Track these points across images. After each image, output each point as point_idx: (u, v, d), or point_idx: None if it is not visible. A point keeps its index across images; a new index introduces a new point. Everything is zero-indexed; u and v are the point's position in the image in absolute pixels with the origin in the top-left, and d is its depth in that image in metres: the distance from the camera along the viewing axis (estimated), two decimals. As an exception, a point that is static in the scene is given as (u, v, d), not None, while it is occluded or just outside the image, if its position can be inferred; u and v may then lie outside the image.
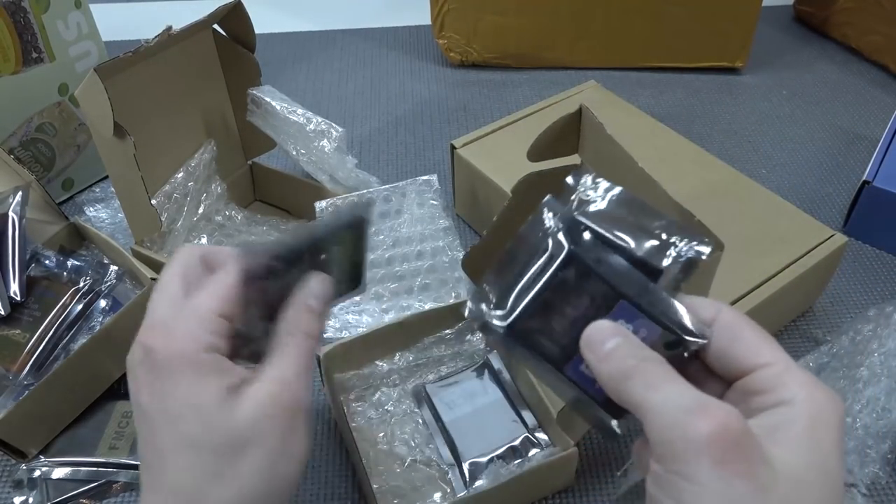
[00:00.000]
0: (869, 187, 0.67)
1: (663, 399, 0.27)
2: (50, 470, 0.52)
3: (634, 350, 0.29)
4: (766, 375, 0.28)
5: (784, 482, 0.25)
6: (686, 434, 0.25)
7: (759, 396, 0.28)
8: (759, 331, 0.30)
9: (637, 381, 0.28)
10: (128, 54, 0.52)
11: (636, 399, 0.28)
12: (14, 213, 0.56)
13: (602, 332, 0.30)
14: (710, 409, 0.26)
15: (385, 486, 0.49)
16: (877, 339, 0.56)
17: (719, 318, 0.30)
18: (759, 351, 0.29)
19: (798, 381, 0.28)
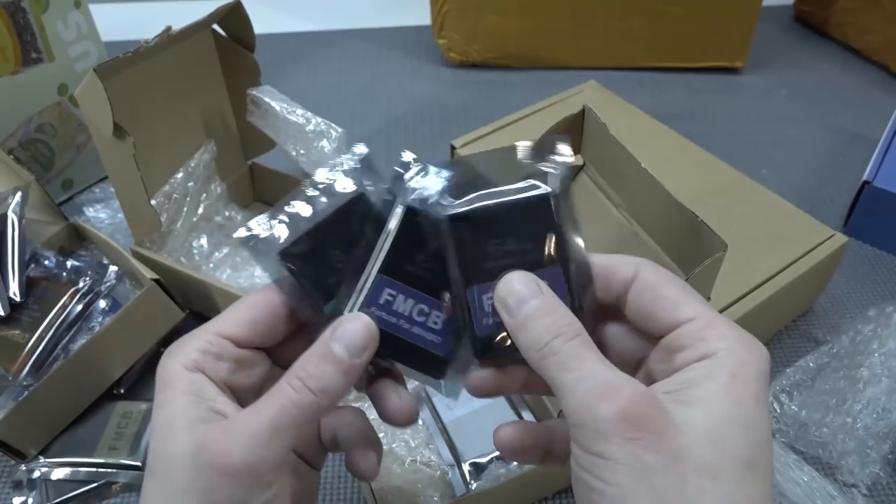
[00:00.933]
0: (869, 187, 0.67)
1: (574, 381, 0.27)
2: (49, 470, 0.51)
3: (549, 320, 0.28)
4: (687, 331, 0.28)
5: (700, 444, 0.25)
6: (595, 416, 0.25)
7: (682, 353, 0.28)
8: (681, 286, 0.29)
9: (551, 360, 0.27)
10: (127, 54, 0.52)
11: (550, 379, 0.28)
12: (14, 213, 0.56)
13: (515, 289, 0.29)
14: (616, 388, 0.26)
15: (385, 486, 0.49)
16: (877, 339, 0.56)
17: (639, 276, 0.30)
18: (680, 307, 0.29)
19: (719, 334, 0.28)
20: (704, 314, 0.28)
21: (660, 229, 0.44)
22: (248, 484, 0.27)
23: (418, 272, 0.31)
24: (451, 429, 0.52)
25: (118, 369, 0.55)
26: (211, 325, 0.31)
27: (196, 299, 0.60)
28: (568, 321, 0.28)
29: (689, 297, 0.29)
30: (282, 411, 0.28)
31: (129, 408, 0.55)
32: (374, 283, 0.30)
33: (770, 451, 0.27)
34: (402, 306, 0.31)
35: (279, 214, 0.31)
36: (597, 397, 0.26)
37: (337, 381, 0.28)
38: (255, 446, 0.27)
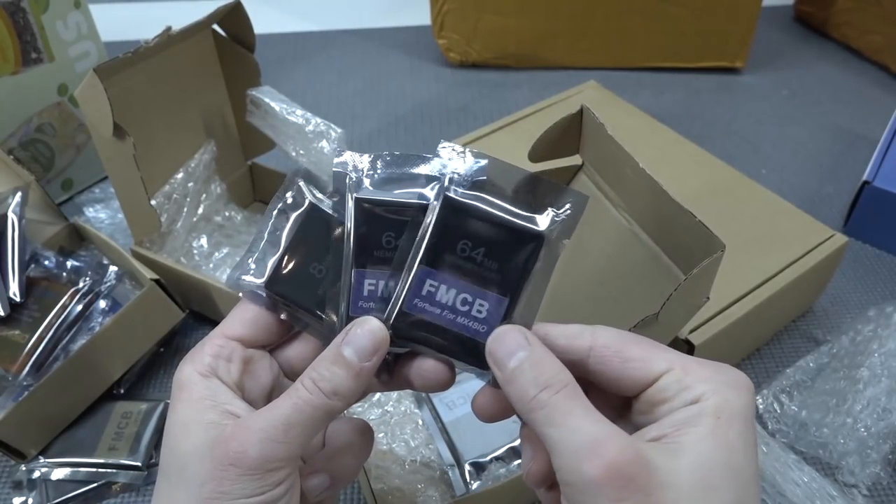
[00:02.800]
0: (869, 187, 0.67)
1: (560, 437, 0.26)
2: (49, 471, 0.52)
3: (536, 372, 0.28)
4: (665, 384, 0.28)
5: (687, 497, 0.25)
6: (582, 475, 0.25)
7: (665, 405, 0.28)
8: (644, 342, 0.30)
9: (538, 414, 0.27)
10: (127, 54, 0.52)
11: (539, 433, 0.28)
12: (13, 213, 0.56)
13: (503, 343, 0.29)
14: (602, 447, 0.25)
15: (385, 486, 0.49)
16: (877, 339, 0.56)
17: (597, 343, 0.30)
18: (650, 363, 0.29)
19: (699, 377, 0.28)
20: (677, 362, 0.28)
21: (659, 229, 0.44)
22: (260, 477, 0.28)
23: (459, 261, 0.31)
24: (450, 429, 0.52)
25: (118, 369, 0.55)
26: (219, 329, 0.32)
27: (196, 299, 0.60)
28: (555, 372, 0.28)
29: (655, 349, 0.29)
30: (295, 410, 0.29)
31: (129, 408, 0.55)
32: (416, 275, 0.31)
33: (757, 489, 0.27)
34: (445, 296, 0.31)
35: (253, 253, 0.33)
36: (582, 456, 0.25)
37: (347, 384, 0.29)
38: (270, 441, 0.28)
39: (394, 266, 0.31)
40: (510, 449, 0.50)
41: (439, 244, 0.31)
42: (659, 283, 0.43)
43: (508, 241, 0.31)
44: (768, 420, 0.54)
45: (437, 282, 0.31)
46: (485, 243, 0.31)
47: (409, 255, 0.31)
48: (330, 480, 0.33)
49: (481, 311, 0.31)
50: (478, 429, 0.51)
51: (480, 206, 0.31)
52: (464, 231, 0.31)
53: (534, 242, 0.31)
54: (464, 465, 0.49)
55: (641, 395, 0.29)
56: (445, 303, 0.31)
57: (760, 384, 0.57)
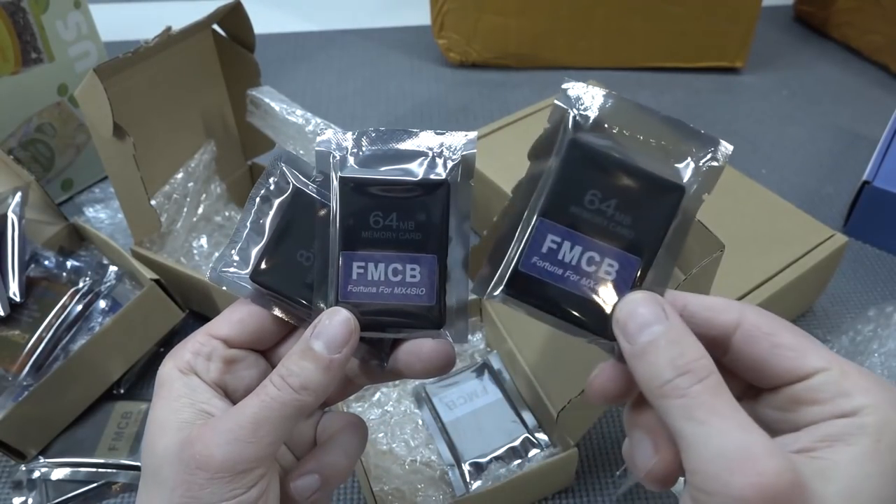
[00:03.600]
0: (869, 187, 0.67)
1: (702, 436, 0.23)
2: (49, 471, 0.52)
3: (674, 353, 0.25)
4: (820, 383, 0.25)
5: None
6: (727, 489, 0.22)
7: (813, 407, 0.25)
8: (799, 332, 0.26)
9: (672, 402, 0.24)
10: (127, 54, 0.52)
11: (671, 422, 0.24)
12: (13, 213, 0.56)
13: (636, 312, 0.26)
14: (758, 462, 0.22)
15: (385, 487, 0.49)
16: (877, 339, 0.56)
17: (745, 321, 0.26)
18: (805, 356, 0.25)
19: (860, 387, 0.24)
20: (838, 364, 0.25)
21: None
22: (229, 481, 0.27)
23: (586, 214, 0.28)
24: (450, 429, 0.52)
25: (118, 369, 0.55)
26: (204, 327, 0.31)
27: (196, 299, 0.60)
28: (698, 356, 0.25)
29: (811, 342, 0.26)
30: (263, 407, 0.28)
31: (129, 408, 0.55)
32: (535, 228, 0.28)
33: None
34: (569, 255, 0.28)
35: (236, 243, 0.32)
36: (731, 466, 0.22)
37: (317, 378, 0.28)
38: (236, 442, 0.27)
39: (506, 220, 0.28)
40: (510, 449, 0.50)
41: (564, 194, 0.27)
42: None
43: (645, 192, 0.27)
44: (768, 420, 0.54)
45: (559, 237, 0.27)
46: (617, 194, 0.27)
47: (528, 204, 0.28)
48: (320, 481, 0.32)
49: (610, 272, 0.27)
50: (477, 429, 0.51)
51: (612, 153, 0.27)
52: (593, 180, 0.27)
53: (674, 195, 0.27)
54: (464, 465, 0.49)
55: (784, 390, 0.26)
56: (569, 262, 0.27)
57: (760, 384, 0.57)
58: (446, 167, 0.30)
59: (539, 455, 0.50)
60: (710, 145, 0.28)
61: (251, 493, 0.27)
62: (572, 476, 0.50)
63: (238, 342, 0.31)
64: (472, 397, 0.54)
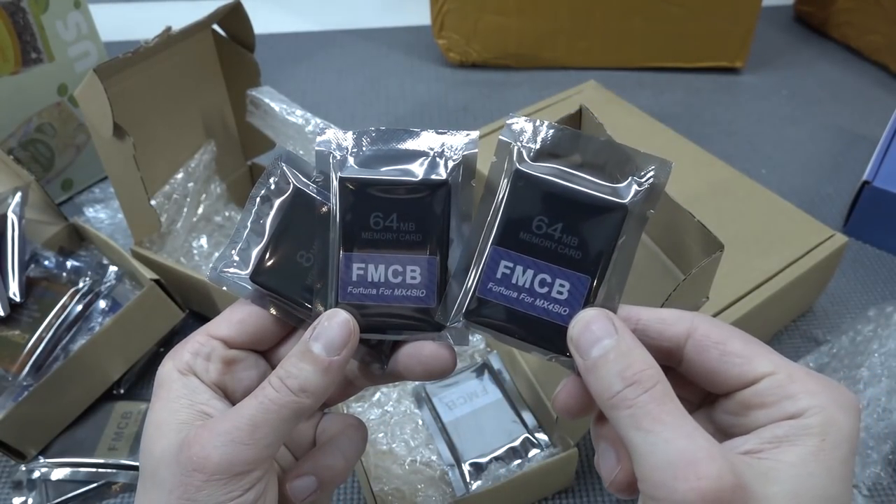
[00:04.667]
0: (869, 187, 0.67)
1: (649, 445, 0.24)
2: (49, 471, 0.52)
3: (622, 365, 0.26)
4: (767, 387, 0.26)
5: None
6: (672, 495, 0.23)
7: (762, 410, 0.26)
8: (747, 339, 0.27)
9: (623, 413, 0.25)
10: (127, 55, 0.52)
11: (622, 432, 0.25)
12: (13, 213, 0.56)
13: (587, 328, 0.27)
14: (700, 467, 0.23)
15: (385, 487, 0.49)
16: (877, 339, 0.56)
17: (696, 332, 0.27)
18: (753, 361, 0.26)
19: (806, 389, 0.25)
20: (785, 367, 0.26)
21: (658, 229, 0.44)
22: (225, 483, 0.27)
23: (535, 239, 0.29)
24: (450, 429, 0.52)
25: (118, 369, 0.55)
26: (203, 327, 0.31)
27: (196, 299, 0.60)
28: (644, 367, 0.26)
29: (760, 348, 0.27)
30: (261, 409, 0.28)
31: (129, 408, 0.55)
32: (489, 256, 0.29)
33: None
34: (522, 278, 0.29)
35: (236, 243, 0.32)
36: (675, 472, 0.23)
37: (316, 380, 0.28)
38: (234, 444, 0.27)
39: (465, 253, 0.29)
40: (510, 449, 0.50)
41: (512, 222, 0.29)
42: (658, 283, 0.43)
43: (589, 214, 0.28)
44: (768, 420, 0.54)
45: (512, 262, 0.29)
46: (562, 218, 0.28)
47: (481, 235, 0.29)
48: (317, 483, 0.31)
49: (562, 292, 0.29)
50: (477, 429, 0.51)
51: (555, 179, 0.29)
52: (539, 206, 0.29)
53: (617, 214, 0.28)
54: (463, 465, 0.49)
55: (735, 395, 0.27)
56: (523, 285, 0.29)
57: (760, 384, 0.57)
58: (447, 167, 0.30)
59: (539, 455, 0.50)
60: (650, 164, 0.29)
61: (248, 496, 0.27)
62: (572, 476, 0.50)
63: (238, 343, 0.31)
64: (472, 397, 0.54)
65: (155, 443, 0.28)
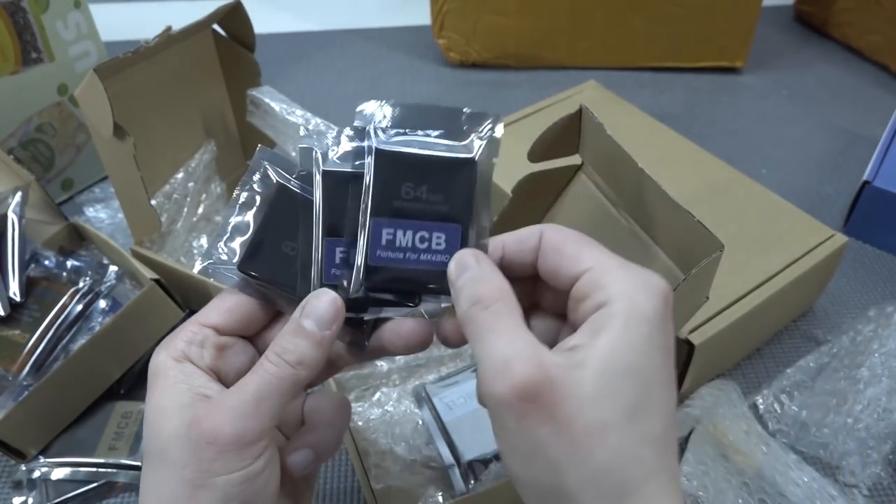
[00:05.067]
0: (869, 187, 0.67)
1: (482, 353, 0.28)
2: (49, 470, 0.52)
3: (472, 289, 0.29)
4: (586, 280, 0.29)
5: (587, 405, 0.26)
6: (493, 392, 0.27)
7: (583, 302, 0.29)
8: (582, 240, 0.31)
9: (468, 329, 0.29)
10: (127, 54, 0.52)
11: (471, 347, 0.29)
12: (14, 213, 0.56)
13: (454, 267, 0.31)
14: (510, 366, 0.26)
15: (385, 486, 0.49)
16: (877, 339, 0.56)
17: (543, 240, 0.31)
18: (578, 259, 0.30)
19: (614, 278, 0.29)
20: (600, 262, 0.29)
21: (658, 229, 0.44)
22: (237, 453, 0.29)
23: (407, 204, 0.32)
24: (450, 428, 0.52)
25: (118, 369, 0.55)
26: (194, 317, 0.34)
27: (196, 299, 0.60)
28: (490, 289, 0.29)
29: (588, 247, 0.30)
30: (263, 384, 0.30)
31: (129, 408, 0.55)
32: (370, 228, 0.32)
33: (664, 392, 0.28)
34: (404, 240, 0.32)
35: (223, 237, 0.34)
36: (495, 374, 0.27)
37: (311, 353, 0.30)
38: (242, 417, 0.29)
39: (347, 232, 0.32)
40: (510, 449, 0.50)
41: (384, 193, 0.32)
42: (659, 283, 0.43)
43: (445, 172, 0.32)
44: (769, 420, 0.54)
45: (392, 228, 0.32)
46: (425, 180, 0.32)
47: (360, 212, 0.32)
48: (314, 454, 0.34)
49: (440, 243, 0.32)
50: (478, 429, 0.51)
51: (410, 150, 0.32)
52: (402, 175, 0.32)
53: (467, 167, 0.33)
54: (464, 464, 0.49)
55: (570, 293, 0.30)
56: (406, 245, 0.32)
57: (761, 384, 0.57)
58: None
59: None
60: (486, 120, 0.34)
61: (258, 463, 0.29)
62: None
63: (227, 330, 0.33)
64: (473, 397, 0.54)
65: (161, 426, 0.30)
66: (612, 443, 0.26)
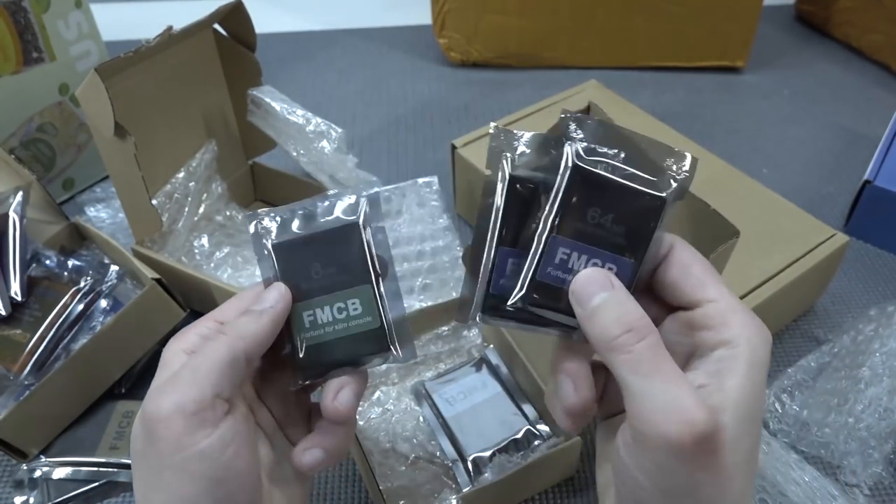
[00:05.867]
0: (870, 187, 0.67)
1: (645, 389, 0.28)
2: (51, 470, 0.52)
3: (619, 312, 0.29)
4: (710, 312, 0.30)
5: (730, 451, 0.28)
6: (661, 433, 0.27)
7: (703, 332, 0.30)
8: (707, 267, 0.32)
9: (620, 357, 0.29)
10: (128, 54, 0.52)
11: (617, 373, 0.29)
12: (15, 212, 0.56)
13: (588, 283, 0.30)
14: (686, 413, 0.27)
15: (391, 484, 0.49)
16: (878, 338, 0.55)
17: (672, 252, 0.32)
18: (705, 287, 0.31)
19: (740, 321, 0.30)
20: (726, 297, 0.31)
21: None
22: (185, 427, 0.29)
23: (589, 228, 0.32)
24: (452, 424, 0.52)
25: (119, 369, 0.55)
26: (211, 313, 0.34)
27: (197, 299, 0.60)
28: (639, 316, 0.29)
29: (714, 277, 0.31)
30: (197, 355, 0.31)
31: (131, 407, 0.55)
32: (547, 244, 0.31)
33: (761, 426, 0.30)
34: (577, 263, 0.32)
35: (287, 213, 0.36)
36: (669, 418, 0.27)
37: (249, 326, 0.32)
38: (177, 389, 0.30)
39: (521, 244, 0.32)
40: (512, 441, 0.50)
41: (570, 212, 0.31)
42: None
43: (634, 204, 0.32)
44: (770, 420, 0.54)
45: (569, 249, 0.31)
46: (613, 208, 0.31)
47: (540, 224, 0.32)
48: (325, 455, 0.35)
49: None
50: (479, 423, 0.52)
51: (605, 174, 0.32)
52: (592, 197, 0.31)
53: (658, 205, 0.32)
54: (467, 459, 0.49)
55: (682, 315, 0.32)
56: (577, 269, 0.32)
57: (761, 383, 0.57)
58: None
59: (542, 446, 0.50)
60: (684, 160, 0.33)
61: (215, 438, 0.30)
62: (576, 465, 0.50)
63: None
64: (472, 392, 0.54)
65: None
66: (742, 484, 0.28)
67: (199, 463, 0.29)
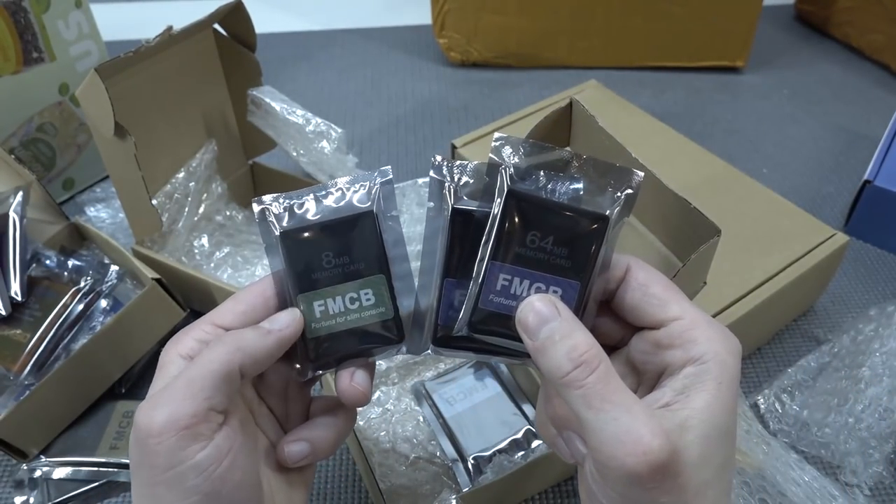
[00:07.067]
0: (870, 187, 0.67)
1: (600, 422, 0.27)
2: (51, 470, 0.52)
3: (568, 347, 0.28)
4: (675, 330, 0.30)
5: (695, 470, 0.27)
6: (618, 466, 0.27)
7: (669, 350, 0.30)
8: (668, 285, 0.32)
9: (573, 393, 0.28)
10: (128, 54, 0.52)
11: (573, 408, 0.28)
12: (15, 212, 0.56)
13: (532, 313, 0.30)
14: (640, 443, 0.26)
15: (391, 484, 0.49)
16: (878, 338, 0.56)
17: (630, 274, 0.32)
18: (667, 305, 0.31)
19: (705, 336, 0.30)
20: (689, 313, 0.30)
21: (654, 218, 0.44)
22: (178, 440, 0.28)
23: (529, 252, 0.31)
24: (452, 424, 0.52)
25: (119, 369, 0.55)
26: (208, 316, 0.33)
27: (197, 299, 0.60)
28: (587, 346, 0.29)
29: (675, 294, 0.31)
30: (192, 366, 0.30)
31: (131, 407, 0.55)
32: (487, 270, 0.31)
33: (735, 438, 0.30)
34: (519, 288, 0.31)
35: (296, 200, 0.34)
36: (624, 448, 0.27)
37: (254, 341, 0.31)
38: (171, 401, 0.29)
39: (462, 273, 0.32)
40: (512, 441, 0.50)
41: (508, 238, 0.31)
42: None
43: (576, 226, 0.31)
44: (770, 420, 0.54)
45: (510, 275, 0.31)
46: (553, 231, 0.31)
47: (479, 252, 0.31)
48: (310, 448, 0.34)
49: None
50: (479, 423, 0.52)
51: (544, 197, 0.31)
52: (530, 222, 0.31)
53: (600, 224, 0.31)
54: (467, 459, 0.49)
55: (648, 334, 0.31)
56: (520, 294, 0.31)
57: (762, 384, 0.57)
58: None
59: (542, 446, 0.50)
60: (630, 176, 0.32)
61: (208, 451, 0.29)
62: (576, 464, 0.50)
63: None
64: (472, 392, 0.54)
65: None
66: (710, 498, 0.28)
67: (194, 478, 0.29)
